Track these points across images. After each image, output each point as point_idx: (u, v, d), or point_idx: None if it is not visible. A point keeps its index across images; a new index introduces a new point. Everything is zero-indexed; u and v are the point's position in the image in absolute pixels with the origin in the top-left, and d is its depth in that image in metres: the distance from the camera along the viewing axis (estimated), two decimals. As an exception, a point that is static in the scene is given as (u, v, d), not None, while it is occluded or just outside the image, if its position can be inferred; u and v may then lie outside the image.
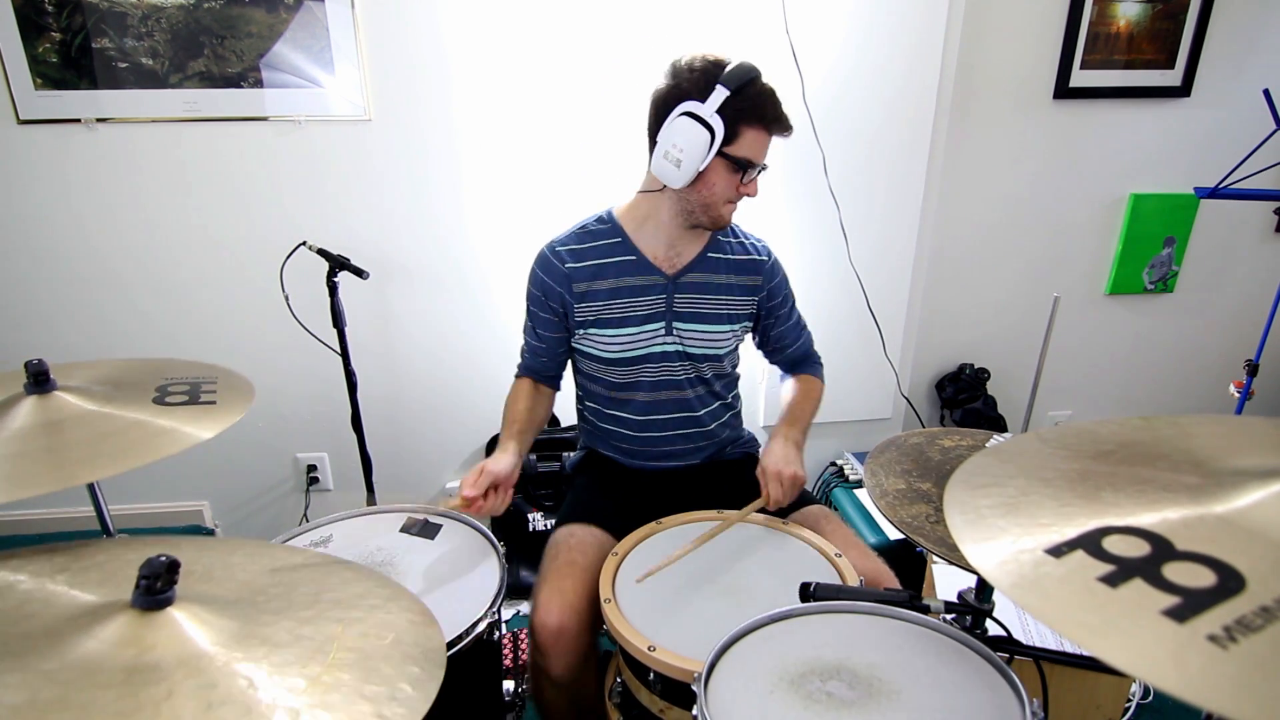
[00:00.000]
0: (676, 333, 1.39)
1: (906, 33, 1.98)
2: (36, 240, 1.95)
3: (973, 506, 0.63)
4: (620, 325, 1.37)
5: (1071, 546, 0.54)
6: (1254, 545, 0.50)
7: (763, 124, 1.24)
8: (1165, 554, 0.51)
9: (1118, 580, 0.50)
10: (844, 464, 2.32)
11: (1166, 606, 0.47)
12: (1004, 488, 0.65)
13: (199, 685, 0.60)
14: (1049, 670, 0.93)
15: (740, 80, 1.21)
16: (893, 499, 1.06)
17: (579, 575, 1.22)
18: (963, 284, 2.44)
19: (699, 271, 1.39)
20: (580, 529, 1.32)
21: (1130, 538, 0.54)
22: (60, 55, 1.81)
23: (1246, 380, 2.10)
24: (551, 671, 1.19)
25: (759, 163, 1.27)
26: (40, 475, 0.83)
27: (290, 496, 2.28)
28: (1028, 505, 0.61)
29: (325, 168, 1.97)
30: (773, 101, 1.25)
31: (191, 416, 0.98)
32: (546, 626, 1.16)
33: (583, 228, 1.40)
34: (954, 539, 0.59)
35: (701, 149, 1.22)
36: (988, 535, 0.58)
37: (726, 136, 1.22)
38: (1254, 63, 2.28)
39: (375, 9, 1.86)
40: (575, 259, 1.36)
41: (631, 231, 1.37)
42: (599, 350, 1.39)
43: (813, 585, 0.97)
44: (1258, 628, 0.44)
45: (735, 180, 1.27)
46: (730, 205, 1.31)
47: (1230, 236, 2.49)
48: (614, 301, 1.36)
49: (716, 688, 0.84)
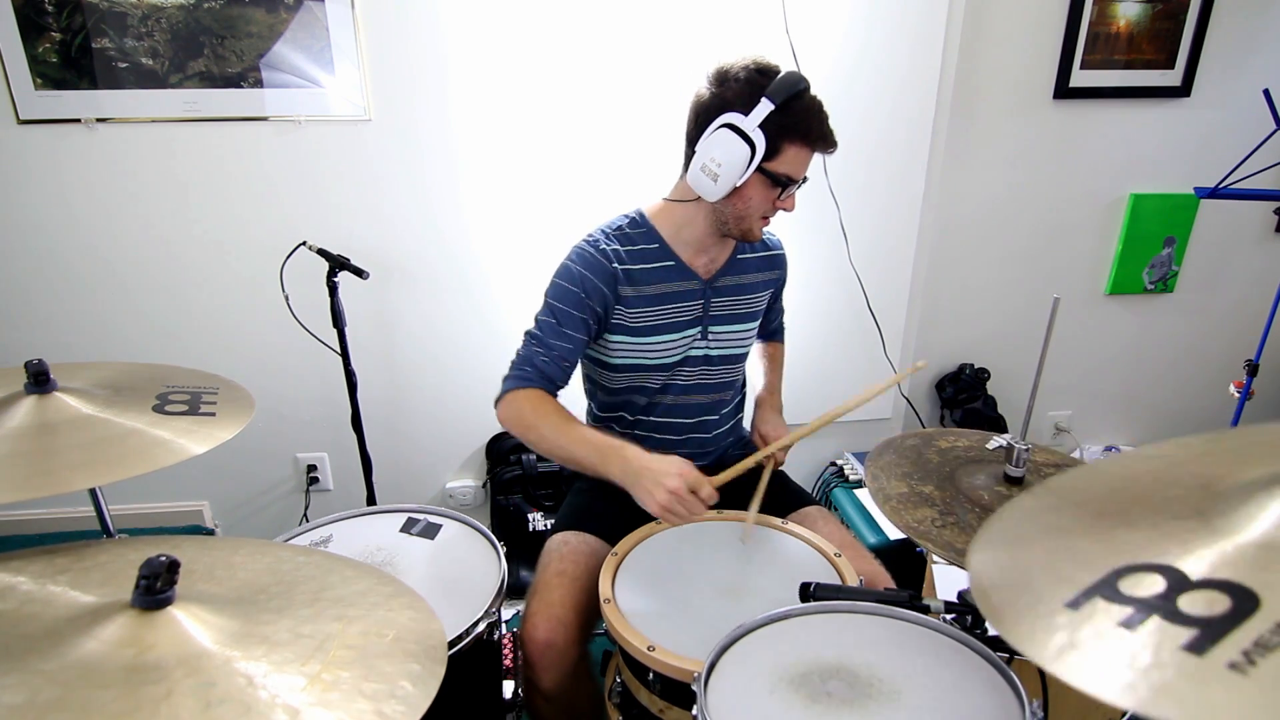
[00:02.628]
0: (711, 336, 1.38)
1: (906, 33, 1.98)
2: (36, 240, 1.95)
3: (997, 566, 0.62)
4: (657, 333, 1.34)
5: (1089, 595, 0.53)
6: (1264, 559, 0.50)
7: (806, 141, 1.19)
8: (1180, 586, 0.51)
9: (1135, 623, 0.49)
10: (844, 464, 2.32)
11: (1186, 641, 0.47)
12: (1031, 549, 0.63)
13: (198, 684, 0.60)
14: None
15: (787, 93, 1.15)
16: (896, 503, 1.06)
17: (568, 586, 1.21)
18: (963, 284, 2.44)
19: (732, 275, 1.38)
20: (574, 537, 1.31)
21: (1145, 575, 0.53)
22: (60, 55, 1.81)
23: (1246, 380, 2.10)
24: (542, 684, 1.19)
25: (798, 178, 1.23)
26: (34, 479, 0.83)
27: (290, 496, 2.28)
28: (1054, 563, 0.60)
29: (325, 168, 1.97)
30: (819, 118, 1.20)
31: (189, 428, 0.98)
32: (534, 640, 1.16)
33: (617, 229, 1.32)
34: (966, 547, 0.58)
35: (740, 165, 1.16)
36: (1010, 599, 0.57)
37: (768, 152, 1.17)
38: (1254, 63, 2.28)
39: (375, 9, 1.86)
40: (622, 260, 1.29)
41: (669, 237, 1.33)
42: (626, 358, 1.35)
43: (813, 585, 0.97)
44: (1275, 645, 0.44)
45: (772, 196, 1.23)
46: (764, 221, 1.28)
47: (1230, 236, 2.49)
48: (654, 308, 1.32)
49: (716, 688, 0.84)
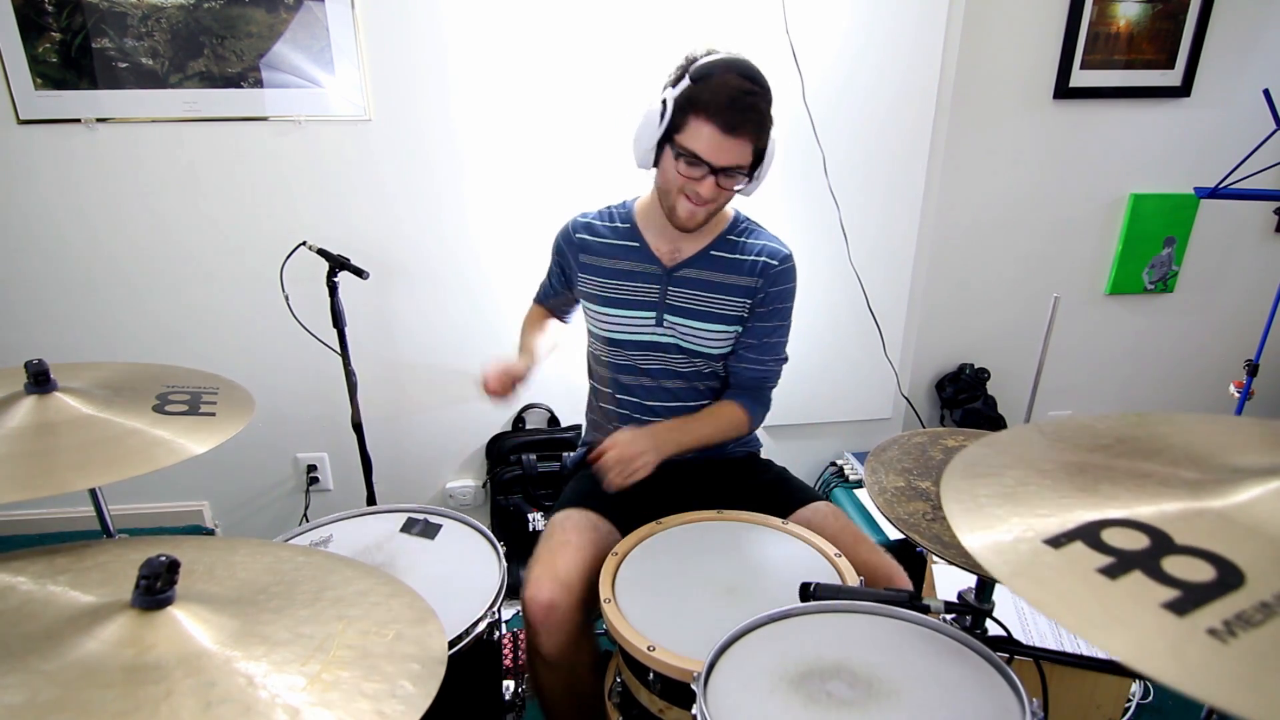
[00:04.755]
0: (668, 325, 1.39)
1: (906, 33, 1.98)
2: (36, 240, 1.95)
3: (970, 495, 0.62)
4: (614, 305, 1.41)
5: (1070, 537, 0.54)
6: (1253, 541, 0.50)
7: (706, 115, 1.17)
8: (1164, 548, 0.51)
9: (1117, 572, 0.50)
10: (844, 464, 2.32)
11: (1166, 600, 0.47)
12: (1001, 478, 0.64)
13: (198, 684, 0.60)
14: (1049, 670, 0.93)
15: (704, 71, 1.19)
16: (891, 496, 1.06)
17: (572, 554, 1.23)
18: (963, 284, 2.44)
19: (697, 268, 1.38)
20: (576, 513, 1.33)
21: (1129, 530, 0.53)
22: (60, 55, 1.81)
23: (1246, 380, 2.10)
24: (543, 649, 1.19)
25: (707, 159, 1.20)
26: (35, 479, 0.83)
27: (290, 496, 2.28)
28: (1026, 495, 0.61)
29: (325, 167, 1.97)
30: (724, 95, 1.17)
31: (189, 428, 0.98)
32: (537, 601, 1.17)
33: (607, 208, 1.47)
34: (952, 528, 0.59)
35: (651, 130, 1.23)
36: (986, 524, 0.58)
37: (674, 123, 1.21)
38: (1254, 63, 2.28)
39: (375, 9, 1.86)
40: (588, 232, 1.44)
41: (641, 221, 1.42)
42: (596, 327, 1.45)
43: (813, 585, 0.97)
44: (1257, 623, 0.44)
45: (679, 171, 1.23)
46: (684, 200, 1.26)
47: (1230, 236, 2.49)
48: (611, 281, 1.41)
49: (716, 688, 0.84)
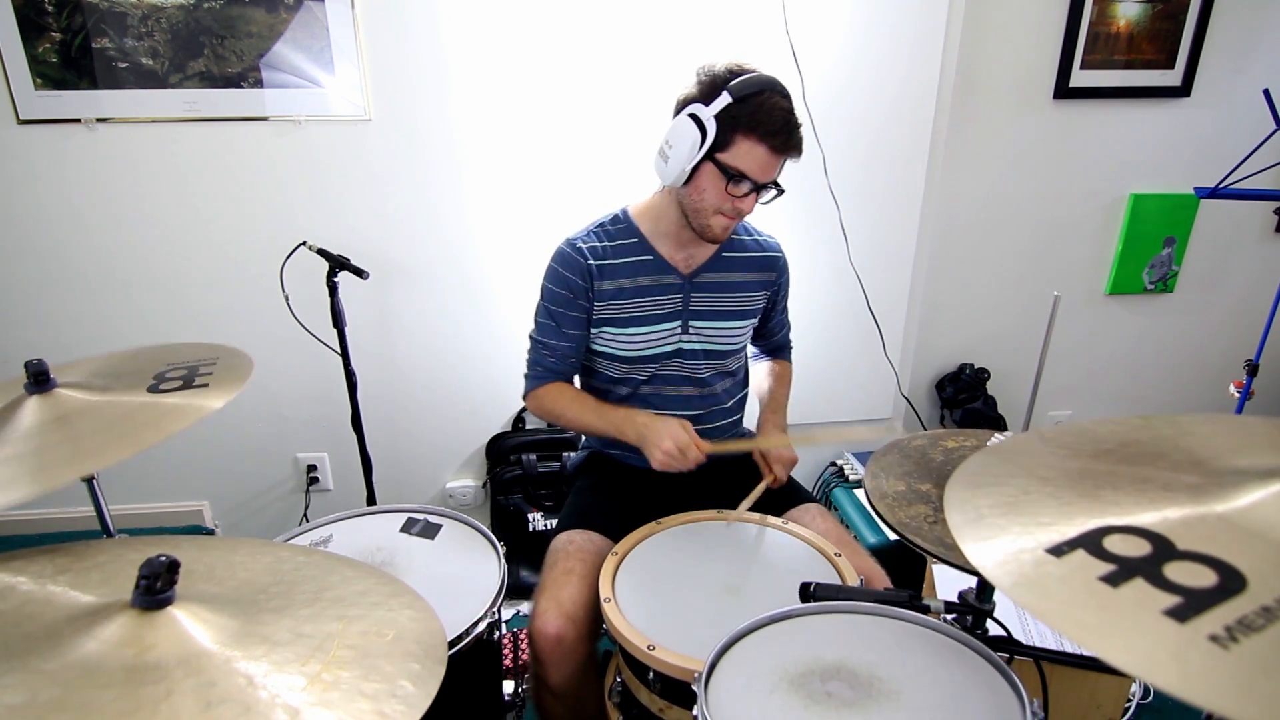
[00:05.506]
0: (694, 330, 1.40)
1: (906, 33, 1.98)
2: (36, 240, 1.95)
3: (973, 506, 0.63)
4: (638, 324, 1.38)
5: (1072, 545, 0.54)
6: (1255, 545, 0.50)
7: (757, 136, 1.20)
8: (1166, 554, 0.51)
9: (1119, 580, 0.50)
10: (844, 464, 2.32)
11: (1168, 606, 0.47)
12: (1004, 487, 0.64)
13: (198, 684, 0.60)
14: (1049, 670, 0.93)
15: (746, 89, 1.19)
16: (892, 501, 1.06)
17: (576, 584, 1.21)
18: (963, 284, 2.44)
19: (714, 271, 1.40)
20: (580, 535, 1.32)
21: (1131, 537, 0.53)
22: (60, 55, 1.81)
23: (1246, 380, 2.10)
24: (550, 680, 1.19)
25: (754, 178, 1.23)
26: (54, 469, 0.83)
27: (290, 496, 2.28)
28: (1028, 504, 0.61)
29: (325, 168, 1.97)
30: (775, 116, 1.20)
31: (182, 401, 0.97)
32: (545, 635, 1.16)
33: (600, 225, 1.40)
34: (954, 538, 0.59)
35: (690, 148, 1.21)
36: (988, 534, 0.58)
37: (719, 141, 1.20)
38: (1254, 63, 2.28)
39: (375, 9, 1.86)
40: (596, 256, 1.35)
41: (648, 231, 1.38)
42: (616, 350, 1.40)
43: (813, 585, 0.97)
44: (1259, 628, 0.44)
45: (723, 189, 1.24)
46: (720, 217, 1.28)
47: (1230, 236, 2.49)
48: (632, 300, 1.37)
49: (717, 687, 0.84)
